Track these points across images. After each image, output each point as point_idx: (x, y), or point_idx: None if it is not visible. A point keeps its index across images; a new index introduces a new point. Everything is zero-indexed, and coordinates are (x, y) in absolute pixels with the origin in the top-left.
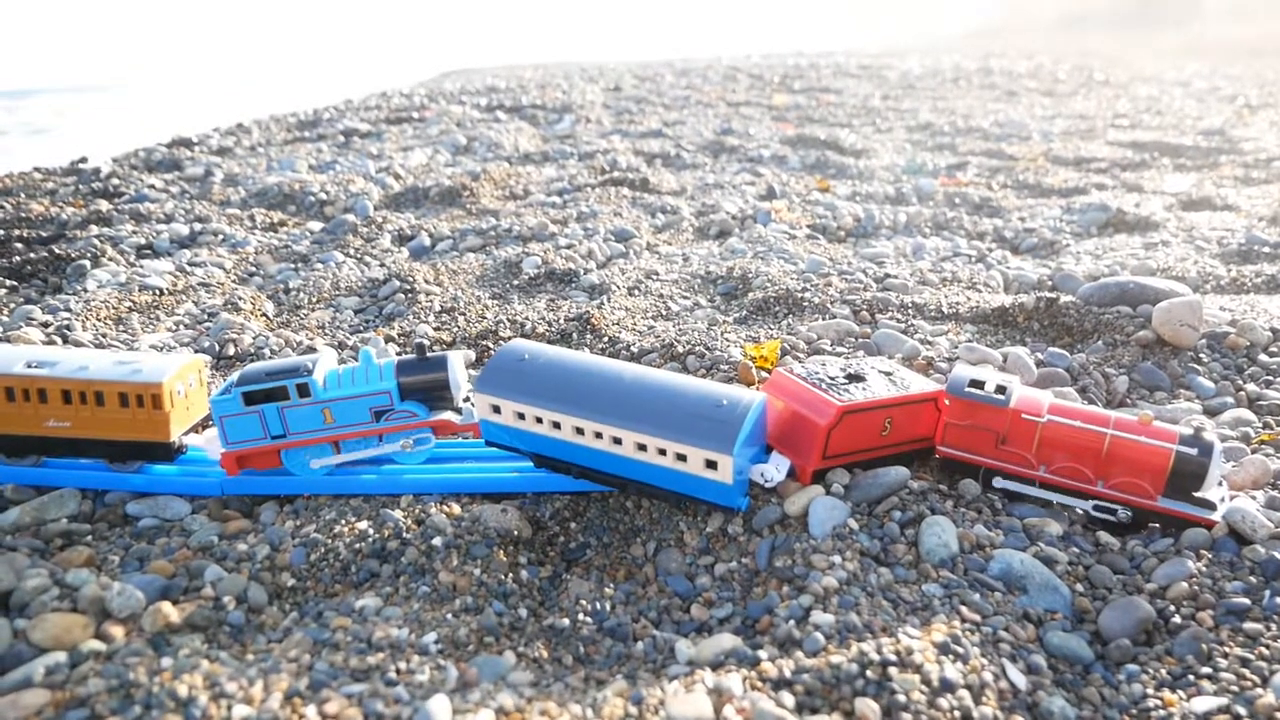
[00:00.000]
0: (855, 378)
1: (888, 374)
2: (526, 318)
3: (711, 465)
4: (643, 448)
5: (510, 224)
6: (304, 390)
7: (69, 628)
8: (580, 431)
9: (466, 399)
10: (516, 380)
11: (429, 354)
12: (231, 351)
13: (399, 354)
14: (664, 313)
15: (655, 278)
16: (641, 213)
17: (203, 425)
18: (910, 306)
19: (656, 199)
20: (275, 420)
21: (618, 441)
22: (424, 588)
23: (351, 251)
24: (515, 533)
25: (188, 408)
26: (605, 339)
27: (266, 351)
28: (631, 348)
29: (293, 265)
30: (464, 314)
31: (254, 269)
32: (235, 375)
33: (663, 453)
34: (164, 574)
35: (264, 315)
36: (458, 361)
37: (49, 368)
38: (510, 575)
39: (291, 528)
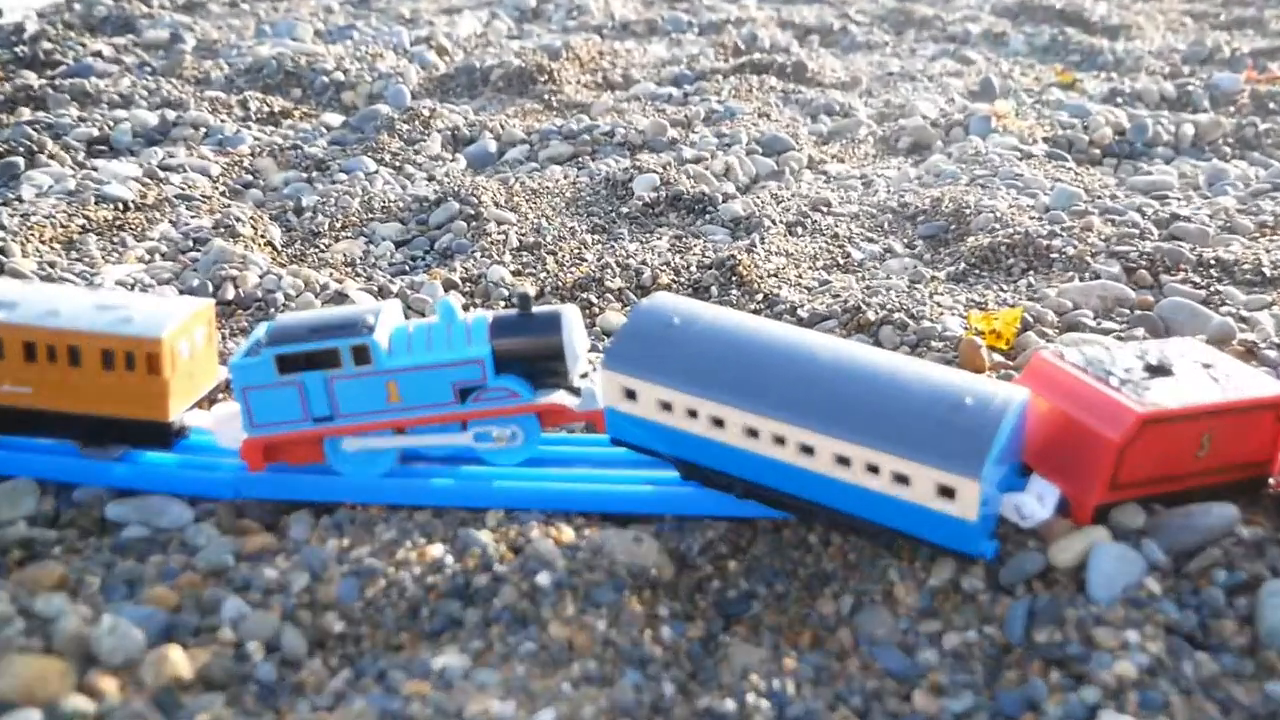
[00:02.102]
0: (1159, 370)
1: (1206, 366)
2: (644, 261)
3: (947, 493)
4: (844, 461)
5: (611, 125)
6: (362, 354)
7: (42, 676)
8: (752, 433)
9: (585, 375)
10: (662, 353)
11: (535, 308)
12: (230, 295)
13: (468, 305)
14: (841, 261)
15: (826, 210)
16: (797, 113)
17: (211, 399)
18: (1212, 264)
19: (818, 94)
20: (320, 396)
21: (807, 451)
22: (528, 644)
23: (387, 158)
24: (653, 572)
25: (192, 374)
26: (758, 297)
27: (279, 296)
28: (799, 310)
29: (304, 174)
30: (553, 253)
31: (250, 177)
32: (263, 329)
33: (874, 470)
34: (165, 605)
35: (269, 244)
36: (575, 321)
37: (6, 310)
38: (648, 633)
39: (336, 549)
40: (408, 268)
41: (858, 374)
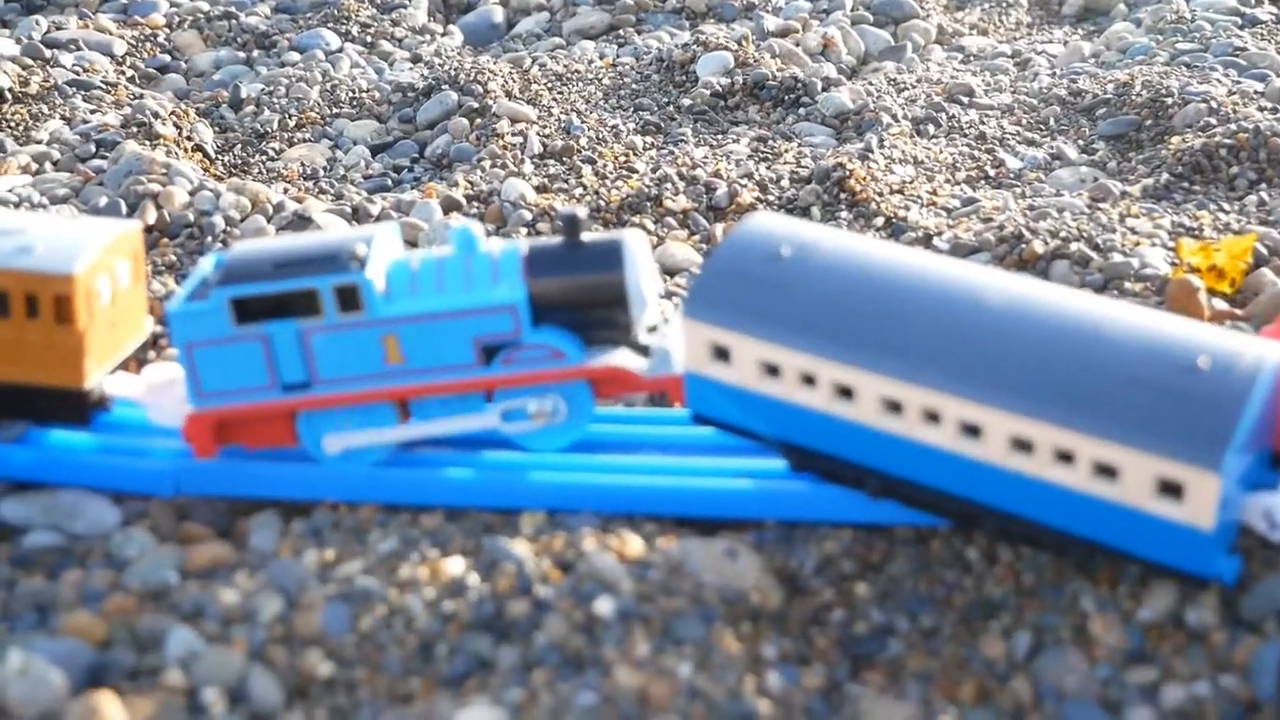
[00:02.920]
0: None
1: None
2: (717, 173)
3: (1171, 490)
4: (1023, 446)
5: None
6: (350, 298)
7: None
8: (894, 407)
9: (655, 328)
10: (767, 297)
11: (585, 235)
12: (151, 218)
13: (491, 233)
14: (991, 172)
15: (966, 102)
16: None
17: (140, 359)
18: None
19: None
20: (293, 355)
21: (971, 432)
22: (585, 694)
23: (354, 30)
24: (753, 598)
25: (114, 324)
26: (877, 222)
27: (217, 221)
28: (934, 240)
29: (241, 54)
30: (590, 161)
31: (168, 57)
32: (211, 262)
33: (1065, 459)
34: (91, 639)
35: (199, 150)
36: (642, 252)
37: None
38: (749, 680)
39: (317, 564)
40: (389, 182)
41: (1044, 325)
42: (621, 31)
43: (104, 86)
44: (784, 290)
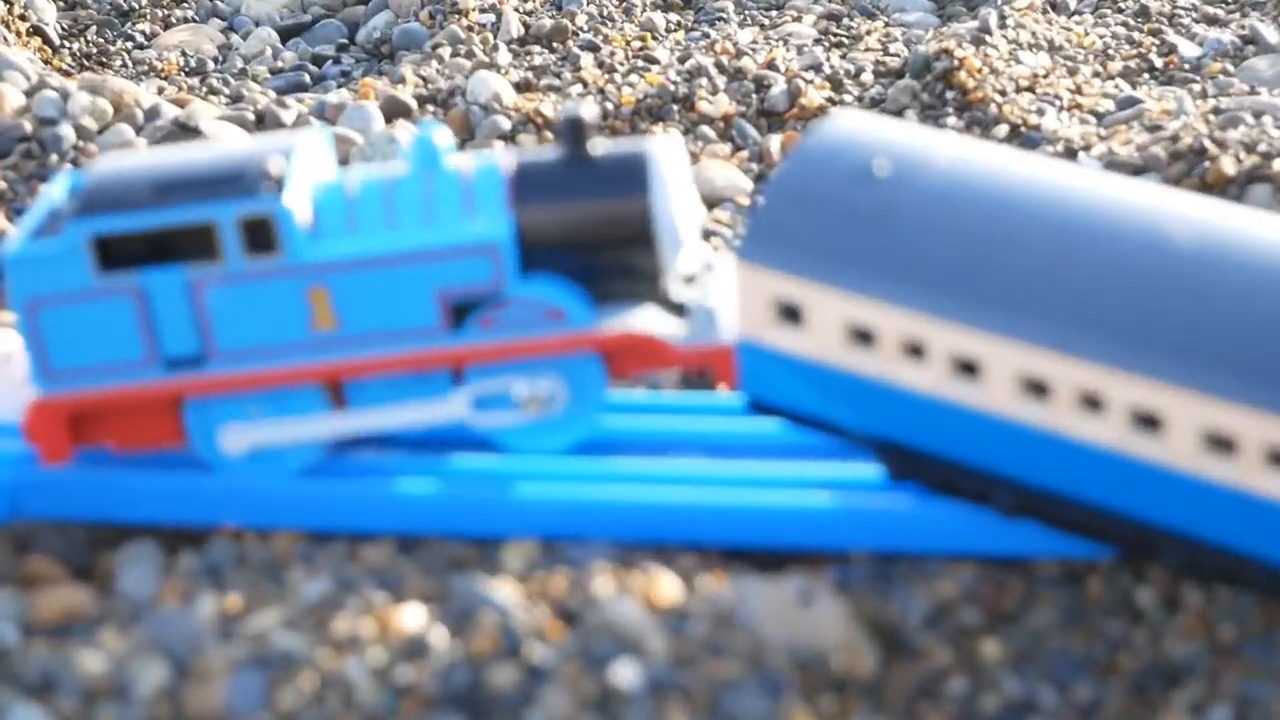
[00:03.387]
0: None
1: None
2: (771, 63)
3: None
4: (1222, 444)
5: None
6: (261, 234)
7: None
8: (1037, 389)
9: (691, 279)
10: (856, 232)
11: (589, 139)
12: None
13: (462, 144)
14: (1158, 63)
15: None
16: None
17: None
18: None
19: None
20: (178, 316)
21: (1148, 424)
22: None
23: None
24: (838, 661)
25: None
26: (999, 130)
27: (64, 132)
28: (1079, 155)
29: None
30: (591, 47)
31: None
32: (63, 184)
33: None
34: None
35: (37, 33)
36: (674, 166)
37: None
38: None
39: (215, 616)
40: (307, 77)
41: (1250, 274)
42: None
43: None
44: (881, 223)
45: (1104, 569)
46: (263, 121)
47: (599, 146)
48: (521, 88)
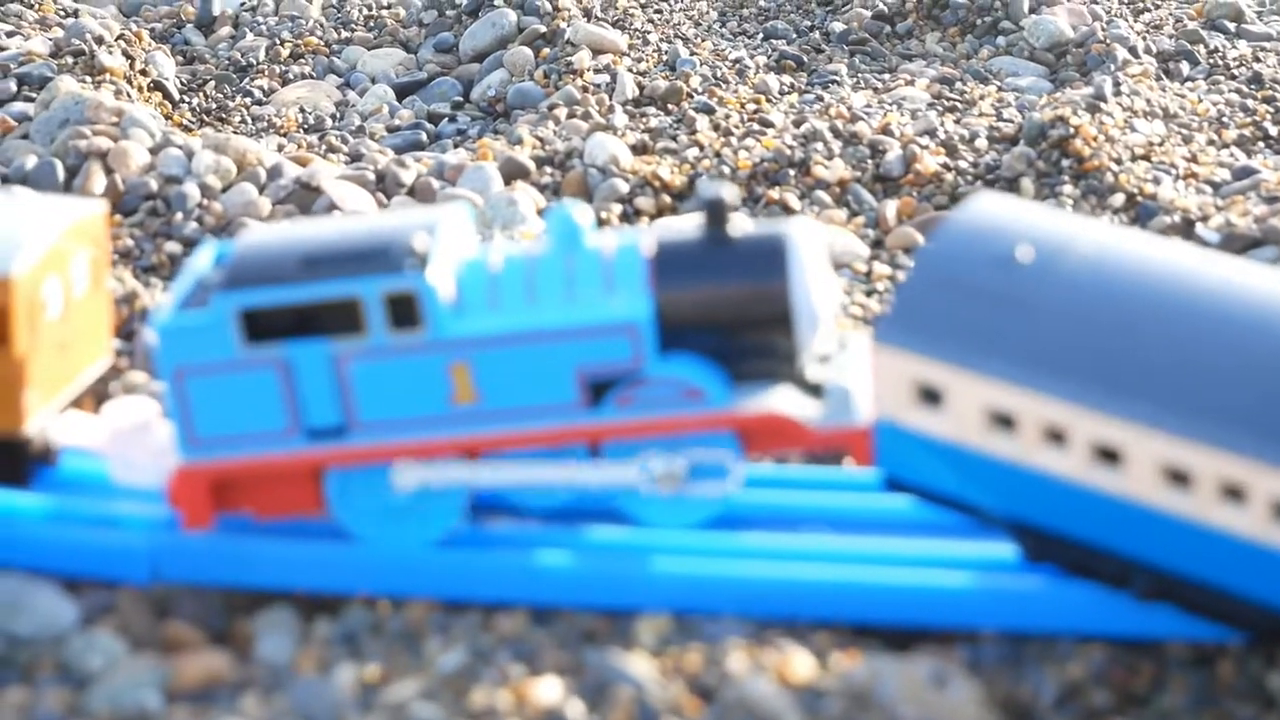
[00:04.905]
0: None
1: None
2: (885, 126)
3: None
4: None
5: None
6: (405, 310)
7: None
8: (1179, 479)
9: (826, 358)
10: (998, 318)
11: (729, 221)
12: (98, 185)
13: (619, 223)
14: (1271, 130)
15: (1233, 27)
16: None
17: (100, 392)
18: None
19: None
20: (323, 388)
21: None
22: None
23: None
24: None
25: (66, 345)
26: (1114, 199)
27: (189, 190)
28: (1196, 227)
29: None
30: (706, 110)
31: None
32: (209, 254)
33: None
34: None
35: (158, 88)
36: (813, 251)
37: None
38: None
39: (354, 685)
40: (424, 135)
41: None
42: None
43: None
44: (1022, 309)
45: (1235, 652)
46: (382, 181)
47: (739, 227)
48: (638, 150)
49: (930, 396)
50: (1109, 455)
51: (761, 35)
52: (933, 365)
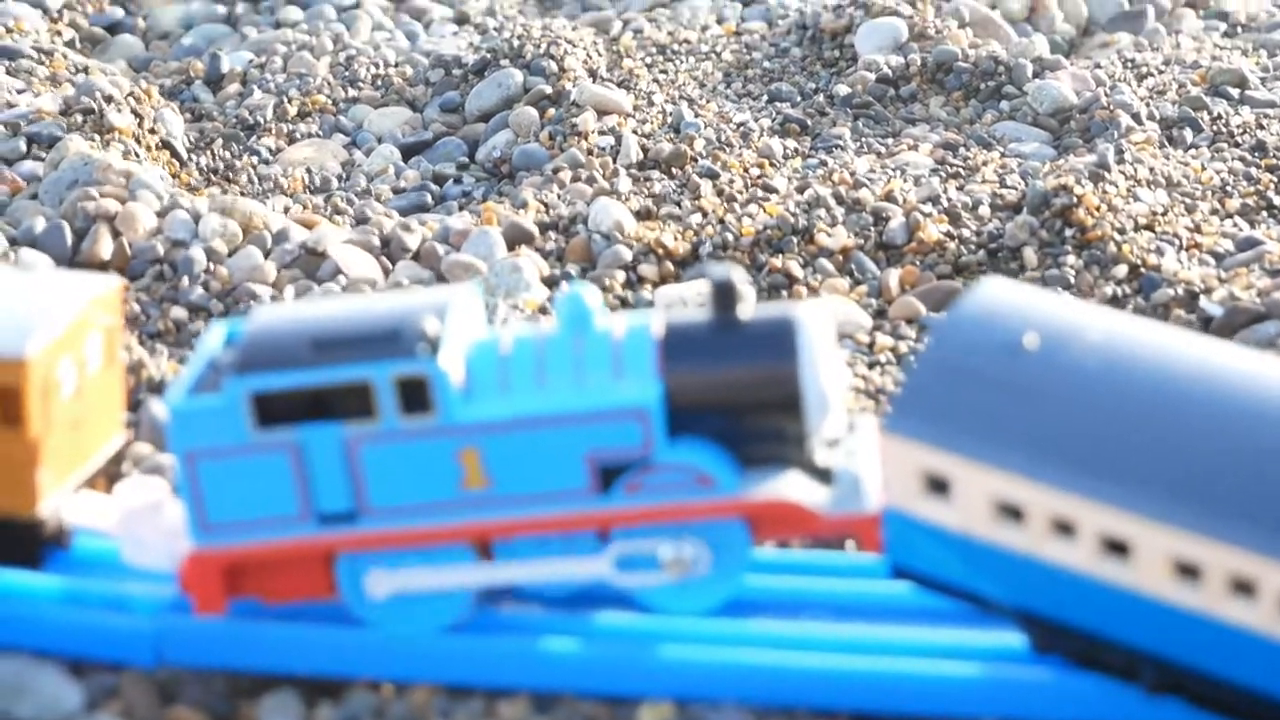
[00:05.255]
0: None
1: None
2: (889, 193)
3: None
4: None
5: None
6: (417, 394)
7: None
8: (1188, 573)
9: (836, 442)
10: (1004, 406)
11: (739, 303)
12: (106, 250)
13: (619, 304)
14: (1276, 200)
15: (1236, 93)
16: None
17: (112, 473)
18: None
19: None
20: (334, 473)
21: None
22: None
23: None
24: None
25: (79, 424)
26: (1117, 270)
27: (195, 255)
28: (1200, 300)
29: (222, 8)
30: (710, 175)
31: (121, 12)
32: (218, 335)
33: None
34: None
35: (166, 147)
36: (821, 334)
37: None
38: None
39: None
40: (429, 197)
41: None
42: None
43: (35, 54)
44: (1030, 398)
45: None
46: (388, 246)
47: (748, 310)
48: (642, 216)
49: (938, 486)
50: (1118, 548)
51: (766, 97)
52: (941, 455)
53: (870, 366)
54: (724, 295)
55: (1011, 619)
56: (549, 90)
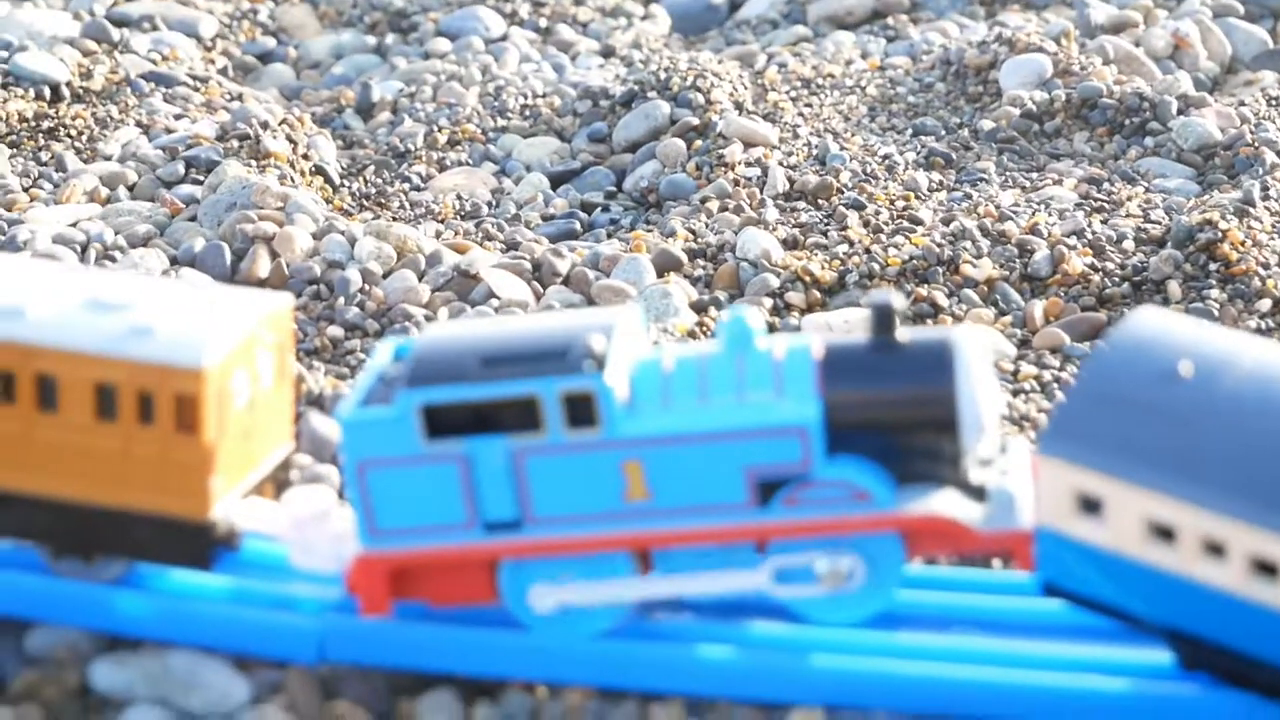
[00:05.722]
0: None
1: None
2: (1033, 226)
3: None
4: None
5: None
6: (583, 409)
7: None
8: None
9: (990, 462)
10: (1159, 431)
11: (896, 327)
12: (263, 269)
13: (770, 317)
14: None
15: None
16: None
17: (280, 479)
18: None
19: None
20: (500, 483)
21: None
22: None
23: (524, 11)
24: None
25: (251, 434)
26: (1262, 302)
27: (351, 276)
28: None
29: (370, 38)
30: (857, 204)
31: (272, 41)
32: (387, 351)
33: None
34: None
35: (319, 173)
36: (978, 359)
37: None
38: None
39: None
40: (578, 225)
41: None
42: (891, 20)
43: (190, 81)
44: (1184, 424)
45: None
46: (539, 270)
47: (906, 333)
48: (789, 245)
49: (1090, 506)
50: (1267, 569)
51: (911, 131)
52: (1094, 476)
53: (1015, 394)
54: (883, 318)
55: (1160, 636)
56: (696, 122)
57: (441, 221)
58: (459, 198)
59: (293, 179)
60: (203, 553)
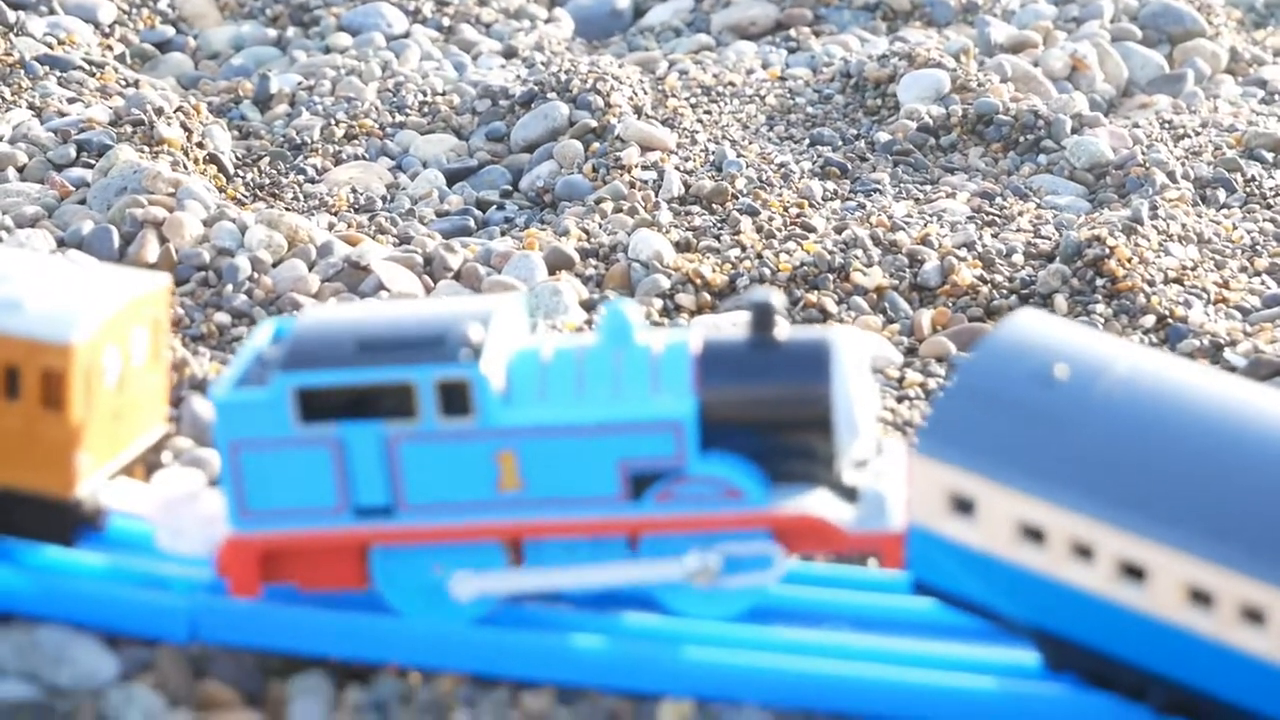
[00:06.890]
0: None
1: None
2: (925, 237)
3: None
4: None
5: None
6: (457, 397)
7: None
8: (1202, 600)
9: (863, 463)
10: (1033, 433)
11: (775, 325)
12: (152, 254)
13: (660, 318)
14: None
15: (1270, 158)
16: None
17: (151, 461)
18: None
19: None
20: (373, 469)
21: None
22: None
23: (427, 10)
24: None
25: (121, 414)
26: (1145, 320)
27: (241, 264)
28: (1225, 351)
29: (271, 31)
30: (750, 211)
31: (172, 30)
32: (267, 332)
33: None
34: None
35: (213, 161)
36: (853, 359)
37: None
38: None
39: None
40: (472, 222)
41: None
42: (793, 32)
43: (86, 66)
44: (1058, 426)
45: None
46: (430, 264)
47: (784, 332)
48: (681, 247)
49: (963, 506)
50: (1134, 572)
51: (808, 141)
52: (967, 476)
53: (899, 400)
54: (762, 316)
55: (1027, 636)
56: (594, 124)
57: (335, 214)
58: (354, 191)
59: (185, 166)
60: (66, 530)
